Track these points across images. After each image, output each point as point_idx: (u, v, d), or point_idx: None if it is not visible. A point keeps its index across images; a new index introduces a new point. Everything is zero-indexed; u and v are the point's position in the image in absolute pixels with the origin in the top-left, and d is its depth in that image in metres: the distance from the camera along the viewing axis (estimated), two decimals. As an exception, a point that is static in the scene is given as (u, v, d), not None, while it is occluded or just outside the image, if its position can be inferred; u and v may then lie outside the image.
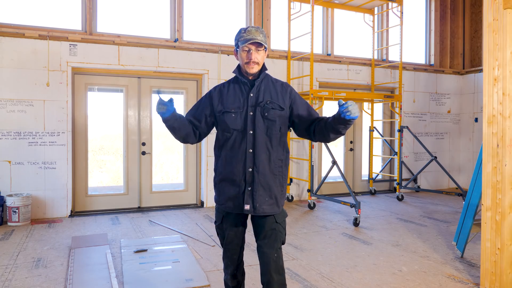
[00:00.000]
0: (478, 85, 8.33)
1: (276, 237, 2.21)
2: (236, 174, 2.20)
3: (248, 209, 2.19)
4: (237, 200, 2.21)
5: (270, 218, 2.23)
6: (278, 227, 2.23)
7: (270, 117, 2.20)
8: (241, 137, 2.21)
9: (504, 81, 2.97)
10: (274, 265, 2.18)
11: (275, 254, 2.18)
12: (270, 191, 2.20)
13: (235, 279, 2.42)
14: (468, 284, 3.31)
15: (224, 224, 2.31)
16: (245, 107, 2.22)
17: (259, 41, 2.16)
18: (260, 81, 2.26)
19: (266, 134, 2.21)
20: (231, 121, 2.22)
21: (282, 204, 2.28)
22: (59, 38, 5.53)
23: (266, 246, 2.20)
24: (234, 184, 2.22)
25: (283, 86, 2.30)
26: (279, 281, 2.18)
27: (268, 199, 2.20)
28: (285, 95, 2.27)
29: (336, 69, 7.34)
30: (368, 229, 5.06)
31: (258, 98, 2.23)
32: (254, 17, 6.72)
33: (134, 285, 3.21)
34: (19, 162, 5.36)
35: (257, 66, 2.22)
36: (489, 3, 3.04)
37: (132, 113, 6.19)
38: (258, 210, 2.19)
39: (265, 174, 2.19)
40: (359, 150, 7.91)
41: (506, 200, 2.99)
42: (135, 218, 5.60)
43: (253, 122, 2.20)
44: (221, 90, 2.32)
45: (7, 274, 3.43)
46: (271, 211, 2.21)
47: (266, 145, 2.20)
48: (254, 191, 2.18)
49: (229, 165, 2.22)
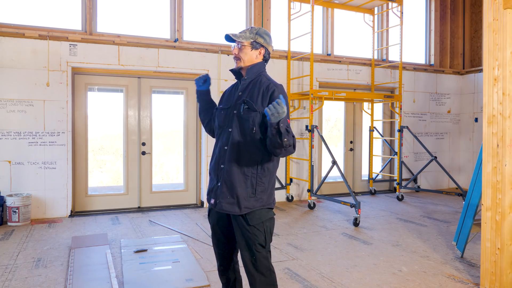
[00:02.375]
0: (478, 85, 8.33)
1: (248, 239, 2.16)
2: (214, 170, 2.27)
3: (213, 203, 2.25)
4: (213, 194, 2.26)
5: (242, 220, 2.17)
6: (251, 229, 2.16)
7: (244, 116, 2.19)
8: (223, 134, 2.27)
9: (504, 81, 2.97)
10: (254, 267, 2.17)
11: (253, 257, 2.17)
12: (232, 190, 2.16)
13: (224, 276, 2.42)
14: (468, 284, 3.31)
15: (211, 220, 2.36)
16: (232, 105, 2.27)
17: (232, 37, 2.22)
18: (249, 80, 2.27)
19: (240, 133, 2.20)
20: (219, 118, 2.31)
21: (249, 206, 2.16)
22: (59, 38, 5.53)
23: (241, 248, 2.21)
24: (211, 179, 2.30)
25: (268, 88, 2.21)
26: (263, 282, 2.17)
27: (229, 197, 2.17)
28: (265, 97, 2.19)
29: (336, 69, 7.34)
30: (368, 229, 5.06)
31: (242, 96, 2.25)
32: (254, 17, 6.72)
33: (134, 285, 3.21)
34: (19, 162, 5.36)
35: (239, 62, 2.26)
36: (489, 3, 3.04)
37: (132, 113, 6.19)
38: (218, 206, 2.21)
39: (231, 172, 2.17)
40: (359, 150, 7.91)
41: (506, 200, 2.98)
42: (135, 218, 5.60)
43: (232, 120, 2.23)
44: (227, 89, 2.41)
45: (7, 274, 3.43)
46: (229, 210, 2.17)
47: (239, 144, 2.19)
48: (218, 187, 2.23)
49: (212, 160, 2.32)
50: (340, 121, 7.93)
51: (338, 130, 8.42)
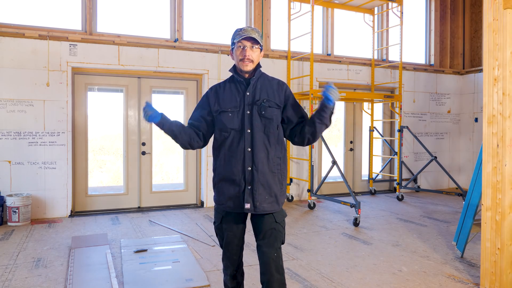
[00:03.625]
0: (478, 85, 8.33)
1: (275, 236, 2.22)
2: (236, 174, 2.21)
3: (249, 207, 2.20)
4: (237, 200, 2.22)
5: (270, 218, 2.23)
6: (277, 226, 2.24)
7: (267, 115, 2.22)
8: (239, 136, 2.22)
9: (504, 81, 2.97)
10: (274, 265, 2.18)
11: (274, 254, 2.19)
12: (270, 189, 2.22)
13: (235, 280, 2.42)
14: (468, 284, 3.31)
15: (224, 225, 2.31)
16: (242, 106, 2.24)
17: (253, 37, 2.19)
18: (256, 79, 2.28)
19: (263, 133, 2.22)
20: (228, 120, 2.23)
21: (282, 202, 2.29)
22: (59, 38, 5.53)
23: (265, 245, 2.21)
24: (234, 184, 2.22)
25: (279, 84, 2.32)
26: (279, 281, 2.19)
27: (268, 197, 2.21)
28: (281, 93, 2.29)
29: (336, 69, 7.34)
30: (368, 229, 5.06)
31: (255, 96, 2.24)
32: (254, 17, 6.72)
33: (134, 285, 3.21)
34: (19, 162, 5.36)
35: (251, 64, 2.22)
36: (489, 3, 3.04)
37: (132, 113, 6.19)
38: (259, 208, 2.20)
39: (264, 172, 2.20)
40: (359, 150, 7.91)
41: (506, 200, 2.99)
42: (135, 218, 5.60)
43: (250, 121, 2.22)
44: (217, 90, 2.33)
45: (7, 274, 3.43)
46: (271, 209, 2.22)
47: (264, 143, 2.22)
48: (254, 189, 2.19)
49: (228, 164, 2.23)
50: (340, 121, 7.93)
51: (338, 130, 8.41)
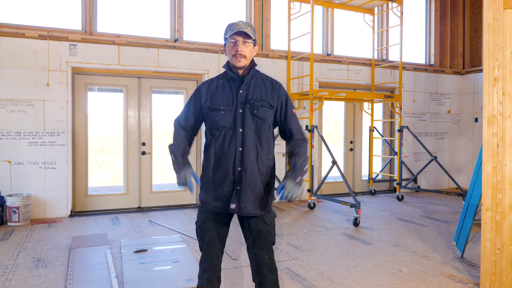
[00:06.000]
0: (478, 85, 8.32)
1: (266, 238, 2.18)
2: (226, 174, 2.15)
3: (234, 208, 2.13)
4: (225, 200, 2.16)
5: (259, 219, 2.18)
6: (267, 228, 2.19)
7: (260, 115, 2.15)
8: (231, 135, 2.14)
9: (504, 81, 2.97)
10: (267, 266, 2.17)
11: (266, 256, 2.17)
12: (257, 192, 2.15)
13: (211, 286, 2.21)
14: (468, 284, 3.31)
15: (207, 225, 2.21)
16: (235, 104, 2.16)
17: (245, 31, 2.11)
18: (250, 77, 2.20)
19: (255, 133, 2.16)
20: (220, 118, 2.16)
21: (270, 205, 2.22)
22: (59, 38, 5.53)
23: (257, 248, 2.18)
24: (223, 183, 2.16)
25: (273, 84, 2.24)
26: (272, 280, 2.19)
27: (254, 199, 2.14)
28: (274, 93, 2.21)
29: (336, 69, 7.34)
30: (368, 229, 5.06)
31: (248, 95, 2.17)
32: (254, 17, 6.72)
33: (134, 285, 3.21)
34: (19, 162, 5.36)
35: (244, 60, 2.14)
36: (489, 3, 3.04)
37: (132, 113, 6.19)
38: (243, 210, 2.13)
39: (253, 174, 2.14)
40: (359, 150, 7.91)
41: (506, 200, 2.98)
42: (135, 218, 5.60)
43: (242, 120, 2.14)
44: (209, 86, 2.24)
45: (7, 274, 3.43)
46: (255, 212, 2.16)
47: (255, 144, 2.15)
48: (241, 191, 2.13)
49: (218, 163, 2.17)
50: (340, 121, 7.93)
51: (338, 130, 8.42)
